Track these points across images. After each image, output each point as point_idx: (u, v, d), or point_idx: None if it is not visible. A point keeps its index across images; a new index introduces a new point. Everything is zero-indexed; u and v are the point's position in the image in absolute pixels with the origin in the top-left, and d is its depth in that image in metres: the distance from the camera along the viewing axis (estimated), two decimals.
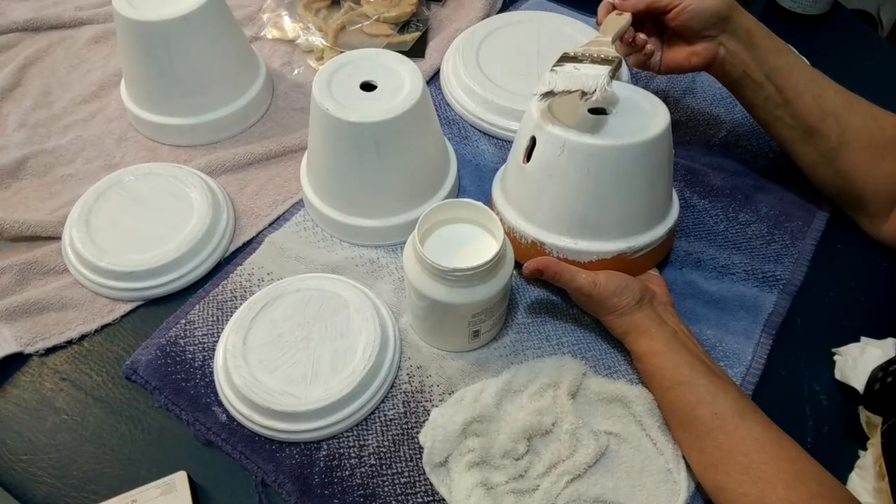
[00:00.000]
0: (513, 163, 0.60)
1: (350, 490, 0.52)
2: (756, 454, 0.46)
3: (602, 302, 0.55)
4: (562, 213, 0.57)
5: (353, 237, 0.67)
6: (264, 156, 0.74)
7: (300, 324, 0.58)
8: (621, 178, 0.55)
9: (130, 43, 0.70)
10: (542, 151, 0.56)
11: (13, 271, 0.64)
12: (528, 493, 0.52)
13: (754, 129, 0.76)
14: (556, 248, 0.58)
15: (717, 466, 0.48)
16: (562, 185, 0.56)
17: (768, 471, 0.45)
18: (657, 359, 0.53)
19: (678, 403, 0.51)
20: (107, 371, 0.59)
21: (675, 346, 0.53)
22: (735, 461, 0.47)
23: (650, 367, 0.54)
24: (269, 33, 0.88)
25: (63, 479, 0.54)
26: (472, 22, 0.86)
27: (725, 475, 0.47)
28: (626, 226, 0.57)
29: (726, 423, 0.48)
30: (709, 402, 0.49)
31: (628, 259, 0.58)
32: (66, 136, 0.77)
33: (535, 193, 0.58)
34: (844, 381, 0.57)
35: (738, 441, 0.47)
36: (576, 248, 0.57)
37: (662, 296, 0.58)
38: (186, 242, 0.63)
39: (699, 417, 0.49)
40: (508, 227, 0.60)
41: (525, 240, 0.59)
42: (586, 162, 0.54)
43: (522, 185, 0.59)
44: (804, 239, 0.67)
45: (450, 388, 0.57)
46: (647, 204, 0.58)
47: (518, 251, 0.58)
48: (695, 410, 0.50)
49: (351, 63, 0.63)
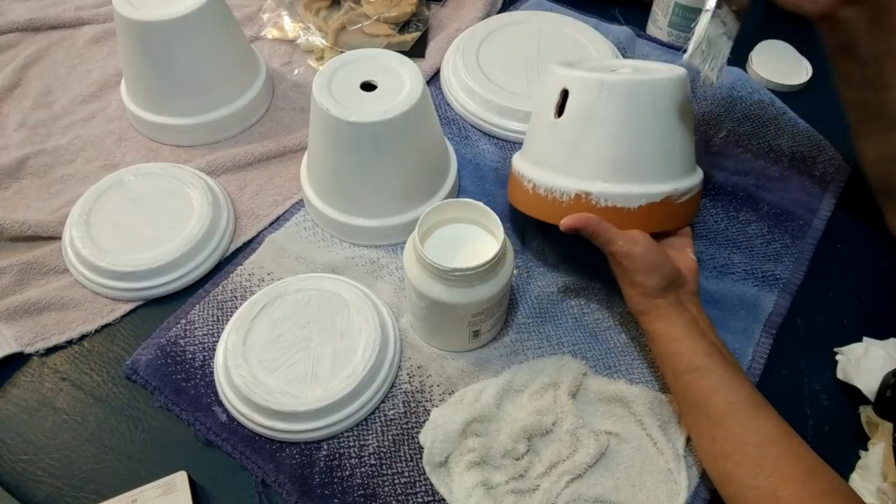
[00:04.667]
0: (540, 125, 0.59)
1: (350, 490, 0.52)
2: (770, 447, 0.46)
3: (631, 274, 0.53)
4: (605, 157, 0.55)
5: (354, 237, 0.67)
6: (264, 156, 0.74)
7: (300, 324, 0.58)
8: (661, 113, 0.54)
9: (130, 43, 0.70)
10: (579, 99, 0.55)
11: (13, 271, 0.64)
12: (529, 493, 0.52)
13: (754, 129, 0.76)
14: (603, 195, 0.55)
15: (729, 457, 0.47)
16: (602, 128, 0.54)
17: (781, 465, 0.45)
18: (674, 343, 0.52)
19: (692, 389, 0.50)
20: (107, 371, 0.59)
21: (692, 333, 0.51)
22: (748, 453, 0.46)
23: (665, 351, 0.52)
24: (269, 33, 0.88)
25: (63, 479, 0.54)
26: (472, 22, 0.86)
27: (737, 466, 0.46)
28: (670, 166, 0.56)
29: (741, 414, 0.47)
30: (724, 391, 0.48)
31: (675, 203, 0.56)
32: (66, 136, 0.77)
33: (572, 145, 0.56)
34: (847, 381, 0.57)
35: (753, 432, 0.47)
36: (623, 193, 0.54)
37: (691, 284, 0.55)
38: (186, 242, 0.63)
39: (714, 405, 0.48)
40: (546, 189, 0.57)
41: (567, 196, 0.56)
42: (627, 98, 0.53)
43: (556, 142, 0.57)
44: (804, 238, 0.67)
45: (450, 388, 0.57)
46: (687, 143, 0.57)
47: (560, 210, 0.56)
48: (710, 398, 0.49)
49: (351, 63, 0.63)
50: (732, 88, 0.78)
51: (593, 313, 0.62)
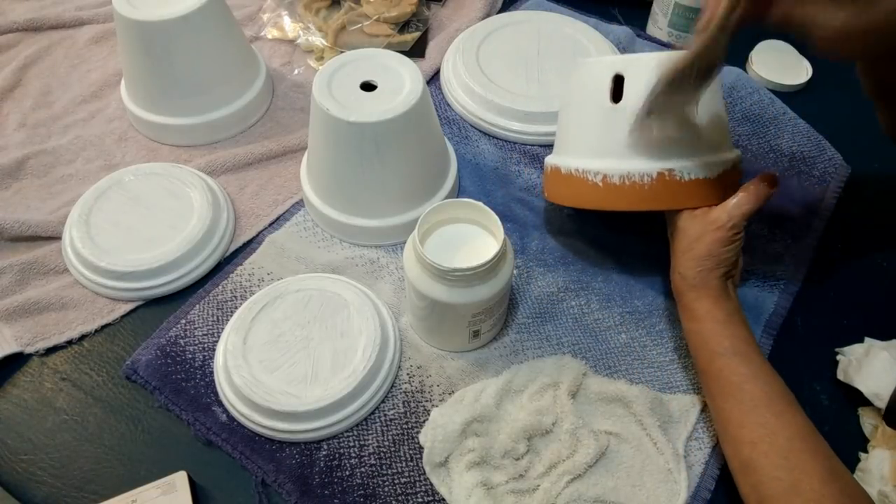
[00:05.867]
0: (589, 117, 0.58)
1: (350, 490, 0.52)
2: (798, 441, 0.46)
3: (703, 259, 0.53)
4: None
5: (354, 237, 0.67)
6: (264, 156, 0.74)
7: (300, 324, 0.58)
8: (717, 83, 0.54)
9: (130, 43, 0.70)
10: (638, 81, 0.54)
11: (13, 271, 0.64)
12: (529, 493, 0.52)
13: (754, 129, 0.76)
14: (686, 169, 0.54)
15: (756, 445, 0.47)
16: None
17: (807, 461, 0.45)
18: (716, 324, 0.52)
19: (727, 373, 0.50)
20: (107, 371, 0.59)
21: (736, 319, 0.52)
22: (777, 443, 0.46)
23: (706, 329, 0.52)
24: (269, 33, 0.88)
25: (63, 479, 0.54)
26: (472, 22, 0.86)
27: (762, 455, 0.46)
28: (726, 134, 0.57)
29: (775, 404, 0.48)
30: (761, 380, 0.49)
31: (738, 169, 0.57)
32: (66, 136, 0.77)
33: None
34: (847, 382, 0.57)
35: (785, 424, 0.47)
36: (704, 162, 0.54)
37: (737, 278, 0.56)
38: (186, 242, 0.63)
39: (749, 392, 0.48)
40: (622, 176, 0.55)
41: (648, 177, 0.55)
42: None
43: (620, 128, 0.55)
44: (805, 238, 0.67)
45: (450, 388, 0.57)
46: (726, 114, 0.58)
47: (643, 194, 0.55)
48: (745, 384, 0.49)
49: (351, 63, 0.63)
50: (732, 88, 0.78)
51: (593, 313, 0.62)
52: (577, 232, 0.68)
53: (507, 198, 0.71)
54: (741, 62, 0.84)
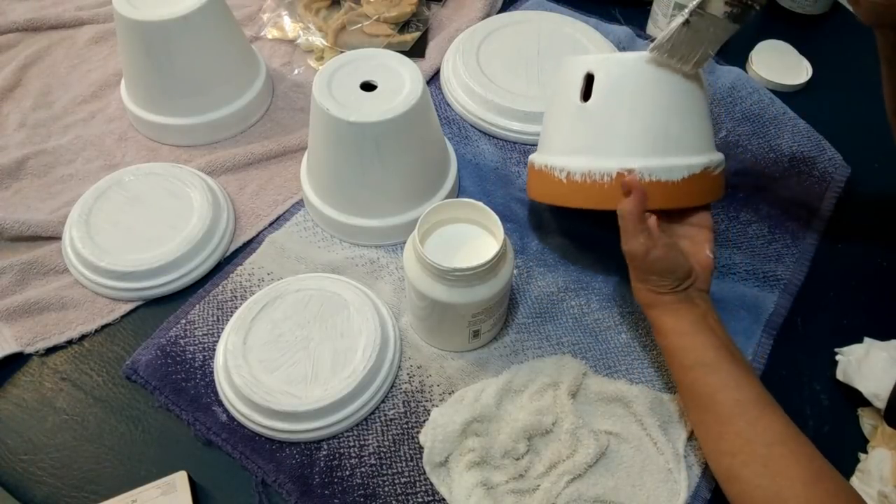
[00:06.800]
0: (563, 115, 0.58)
1: (350, 490, 0.52)
2: (777, 447, 0.45)
3: (643, 273, 0.52)
4: (643, 131, 0.55)
5: (354, 237, 0.67)
6: (264, 156, 0.74)
7: (300, 324, 0.58)
8: (689, 83, 0.54)
9: (130, 43, 0.70)
10: (607, 79, 0.54)
11: (13, 271, 0.64)
12: (529, 493, 0.52)
13: (754, 129, 0.76)
14: (646, 170, 0.54)
15: (736, 455, 0.46)
16: (636, 103, 0.54)
17: (788, 466, 0.44)
18: (681, 338, 0.51)
19: (699, 385, 0.50)
20: (107, 371, 0.59)
21: (700, 328, 0.51)
22: (755, 452, 0.46)
23: (672, 345, 0.52)
24: (269, 33, 0.88)
25: (63, 479, 0.54)
26: (472, 22, 0.86)
27: (743, 465, 0.46)
28: (703, 138, 0.56)
29: (749, 412, 0.47)
30: (732, 388, 0.48)
31: (712, 175, 0.56)
32: (66, 136, 0.77)
33: (606, 126, 0.55)
34: (847, 383, 0.57)
35: (761, 431, 0.46)
36: (665, 165, 0.54)
37: (703, 282, 0.54)
38: (186, 242, 0.63)
39: (720, 402, 0.48)
40: (584, 174, 0.56)
41: (608, 176, 0.55)
42: (653, 73, 0.53)
43: (587, 125, 0.56)
44: (805, 238, 0.67)
45: (450, 388, 0.57)
46: (709, 116, 0.57)
47: (602, 193, 0.55)
48: (716, 395, 0.48)
49: (351, 63, 0.63)
50: (732, 88, 0.78)
51: (593, 313, 0.62)
52: (577, 232, 0.68)
53: (507, 198, 0.71)
54: (741, 62, 0.84)
